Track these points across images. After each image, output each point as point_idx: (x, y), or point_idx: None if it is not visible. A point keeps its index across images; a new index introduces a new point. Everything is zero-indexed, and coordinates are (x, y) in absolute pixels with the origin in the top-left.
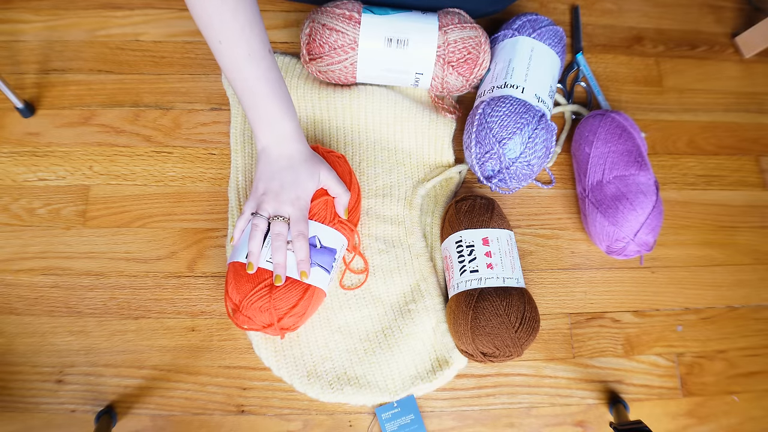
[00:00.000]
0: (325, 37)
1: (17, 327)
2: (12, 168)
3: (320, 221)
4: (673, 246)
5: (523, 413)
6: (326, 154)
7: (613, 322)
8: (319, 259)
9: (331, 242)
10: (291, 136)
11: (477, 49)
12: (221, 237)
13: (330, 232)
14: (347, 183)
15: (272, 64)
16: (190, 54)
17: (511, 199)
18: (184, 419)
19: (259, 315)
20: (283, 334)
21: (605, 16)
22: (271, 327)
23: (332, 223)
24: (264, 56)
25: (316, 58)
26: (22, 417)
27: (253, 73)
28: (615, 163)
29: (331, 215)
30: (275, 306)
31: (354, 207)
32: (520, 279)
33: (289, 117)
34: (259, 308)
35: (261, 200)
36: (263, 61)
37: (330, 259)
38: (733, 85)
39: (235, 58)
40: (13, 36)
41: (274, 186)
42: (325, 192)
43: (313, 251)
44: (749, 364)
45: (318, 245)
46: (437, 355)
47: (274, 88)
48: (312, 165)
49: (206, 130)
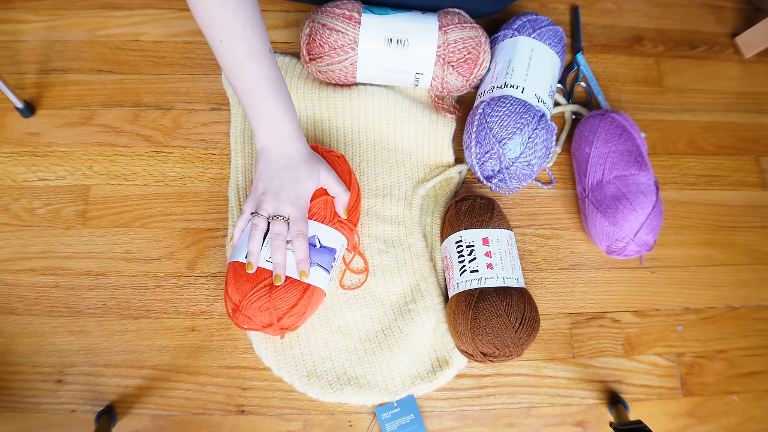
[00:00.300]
0: (325, 37)
1: (17, 327)
2: (12, 168)
3: (320, 221)
4: (673, 246)
5: (523, 413)
6: (326, 153)
7: (613, 322)
8: (319, 258)
9: (331, 242)
10: (291, 136)
11: (477, 49)
12: (221, 237)
13: (330, 232)
14: (347, 183)
15: (272, 64)
16: (190, 54)
17: (511, 199)
18: (184, 419)
19: (259, 315)
20: (282, 334)
21: (605, 16)
22: (270, 327)
23: (332, 222)
24: (264, 55)
25: (316, 58)
26: (22, 417)
27: (253, 72)
28: (615, 163)
29: (331, 215)
30: (275, 306)
31: (354, 207)
32: (520, 279)
33: (289, 117)
34: (259, 308)
35: (260, 200)
36: (263, 61)
37: (330, 259)
38: (733, 85)
39: (236, 57)
40: (13, 36)
41: (273, 185)
42: (324, 192)
43: (313, 251)
44: (749, 364)
45: (318, 245)
46: (437, 355)
47: (274, 87)
48: (311, 164)
49: (206, 130)
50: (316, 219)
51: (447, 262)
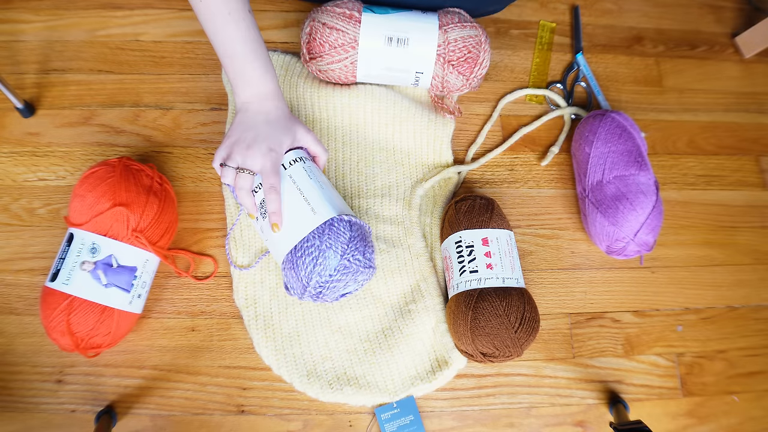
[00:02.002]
0: (325, 36)
1: (17, 327)
2: (12, 168)
3: (114, 237)
4: (673, 246)
5: (523, 413)
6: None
7: (613, 322)
8: (116, 279)
9: (130, 260)
10: (271, 95)
11: (477, 48)
12: (221, 237)
13: (128, 249)
14: (160, 194)
15: (252, 24)
16: (190, 54)
17: (511, 199)
18: (184, 419)
19: (61, 338)
20: (96, 353)
21: (605, 16)
22: (79, 348)
23: (128, 239)
24: (245, 16)
25: (316, 57)
26: (22, 417)
27: (233, 33)
28: (615, 163)
29: (126, 230)
30: (73, 330)
31: (168, 227)
32: (519, 279)
33: (269, 77)
34: (60, 332)
35: (232, 149)
36: (243, 22)
37: (128, 278)
38: (733, 85)
39: (215, 17)
40: (13, 36)
41: (248, 136)
42: (119, 203)
43: (109, 271)
44: (749, 364)
45: (114, 264)
46: (437, 355)
47: (254, 48)
48: (289, 122)
49: (206, 130)
50: (110, 236)
51: (447, 263)
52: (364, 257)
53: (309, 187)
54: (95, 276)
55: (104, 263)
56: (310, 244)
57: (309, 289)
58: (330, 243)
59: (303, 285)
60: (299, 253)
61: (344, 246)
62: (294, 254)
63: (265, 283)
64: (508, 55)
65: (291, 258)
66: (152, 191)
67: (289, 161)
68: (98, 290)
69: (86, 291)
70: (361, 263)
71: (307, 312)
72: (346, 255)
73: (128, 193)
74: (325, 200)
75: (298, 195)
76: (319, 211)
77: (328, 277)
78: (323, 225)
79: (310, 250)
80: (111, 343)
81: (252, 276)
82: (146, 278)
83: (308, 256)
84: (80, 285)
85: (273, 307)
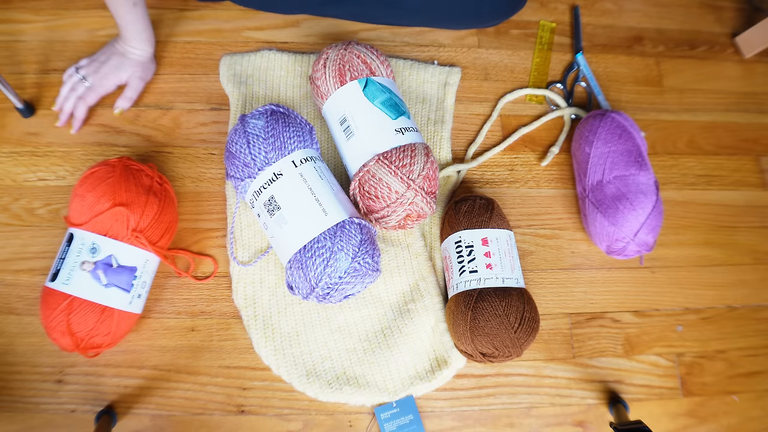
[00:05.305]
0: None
1: (17, 327)
2: (12, 168)
3: (114, 237)
4: (673, 246)
5: (523, 413)
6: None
7: (613, 322)
8: (116, 279)
9: (130, 260)
10: (146, 55)
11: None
12: (221, 237)
13: (127, 249)
14: (163, 196)
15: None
16: (190, 54)
17: (511, 199)
18: (184, 419)
19: (61, 338)
20: (96, 353)
21: (605, 16)
22: (79, 348)
23: (127, 239)
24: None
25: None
26: (22, 417)
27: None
28: (615, 163)
29: (126, 230)
30: (73, 330)
31: (168, 227)
32: (519, 279)
33: (149, 43)
34: (60, 332)
35: (86, 61)
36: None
37: (128, 278)
38: (733, 85)
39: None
40: (13, 36)
41: (101, 57)
42: (117, 204)
43: (110, 271)
44: (749, 364)
45: (115, 264)
46: (436, 354)
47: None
48: (138, 66)
49: (206, 130)
50: (110, 236)
51: (446, 263)
52: (372, 260)
53: (320, 187)
54: (95, 276)
55: (104, 263)
56: (321, 245)
57: (317, 290)
58: (342, 245)
59: (311, 285)
60: (309, 253)
61: (355, 249)
62: (303, 254)
63: (265, 283)
64: (508, 55)
65: (299, 258)
66: (152, 191)
67: (300, 159)
68: (98, 290)
69: (86, 291)
70: (370, 266)
71: (307, 312)
72: (357, 258)
73: (128, 193)
74: (336, 202)
75: (309, 194)
76: (330, 212)
77: (338, 279)
78: (335, 227)
79: (321, 251)
80: (111, 343)
81: (251, 276)
82: (146, 278)
83: (319, 257)
84: (80, 285)
85: (272, 307)
